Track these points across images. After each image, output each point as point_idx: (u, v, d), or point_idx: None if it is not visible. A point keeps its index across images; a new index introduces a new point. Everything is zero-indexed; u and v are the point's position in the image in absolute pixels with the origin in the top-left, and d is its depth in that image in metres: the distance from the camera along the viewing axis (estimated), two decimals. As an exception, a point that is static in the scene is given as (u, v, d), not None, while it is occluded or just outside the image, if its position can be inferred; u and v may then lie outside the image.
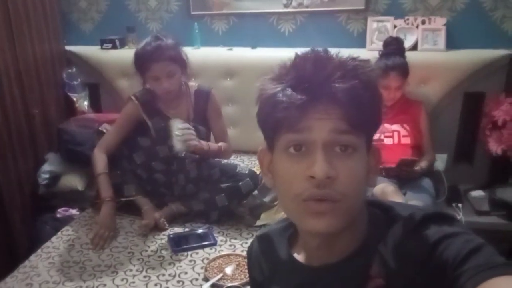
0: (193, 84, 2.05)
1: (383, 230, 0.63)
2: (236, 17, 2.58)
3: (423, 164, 2.05)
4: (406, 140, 2.13)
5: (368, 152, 0.63)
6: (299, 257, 0.72)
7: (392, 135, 2.13)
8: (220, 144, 2.00)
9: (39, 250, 1.72)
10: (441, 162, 2.24)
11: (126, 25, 2.66)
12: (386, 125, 2.13)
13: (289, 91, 0.59)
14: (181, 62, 1.88)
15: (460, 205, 2.11)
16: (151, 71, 1.82)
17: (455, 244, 0.54)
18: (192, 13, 2.60)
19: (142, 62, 1.83)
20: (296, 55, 0.63)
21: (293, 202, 0.61)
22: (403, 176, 1.98)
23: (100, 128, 2.27)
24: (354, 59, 0.61)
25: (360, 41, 2.42)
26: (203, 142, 1.89)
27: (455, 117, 2.35)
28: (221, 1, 2.56)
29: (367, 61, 0.64)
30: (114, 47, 2.64)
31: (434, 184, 2.05)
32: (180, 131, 1.75)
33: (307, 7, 2.45)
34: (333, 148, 0.59)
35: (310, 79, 0.59)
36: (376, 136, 2.12)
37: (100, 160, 1.90)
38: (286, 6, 2.47)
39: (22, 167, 2.33)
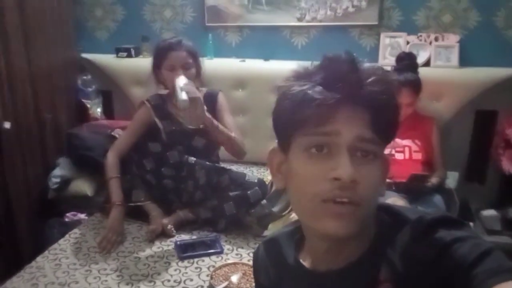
0: (203, 89, 2.07)
1: (391, 234, 0.62)
2: (249, 29, 2.61)
3: (434, 180, 2.03)
4: (417, 156, 2.11)
5: (384, 154, 0.64)
6: (305, 262, 0.71)
7: (403, 150, 2.12)
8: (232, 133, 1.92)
9: (46, 252, 1.72)
10: (452, 179, 2.21)
11: (141, 34, 2.70)
12: (397, 140, 2.12)
13: (320, 89, 0.59)
14: (197, 61, 1.93)
15: (471, 224, 2.07)
16: (168, 60, 1.86)
17: (464, 248, 0.54)
18: (207, 24, 2.64)
19: (161, 51, 1.89)
20: (326, 56, 0.63)
21: (310, 203, 0.60)
22: (414, 191, 1.95)
23: (112, 133, 2.29)
24: (381, 68, 0.64)
25: (373, 56, 2.43)
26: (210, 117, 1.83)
27: (466, 135, 2.33)
28: (235, 14, 2.59)
29: (390, 72, 0.67)
30: (129, 55, 2.68)
31: (445, 201, 2.02)
32: (185, 85, 1.72)
33: (320, 21, 2.48)
34: (356, 153, 0.59)
35: (344, 79, 0.59)
36: (387, 151, 2.11)
37: (113, 163, 1.92)
38: (299, 19, 2.50)
39: (31, 170, 2.34)
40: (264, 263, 0.80)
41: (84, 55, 2.76)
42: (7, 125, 2.11)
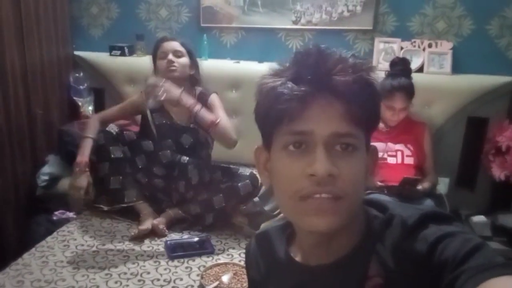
0: (199, 88, 2.06)
1: (380, 229, 0.62)
2: (245, 31, 2.61)
3: (425, 184, 2.04)
4: (410, 160, 2.12)
5: (367, 151, 0.63)
6: (296, 256, 0.71)
7: (396, 155, 2.12)
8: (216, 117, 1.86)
9: (33, 249, 1.69)
10: (443, 185, 2.23)
11: (136, 32, 2.69)
12: (390, 144, 2.13)
13: (290, 84, 0.59)
14: (191, 54, 1.98)
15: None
16: (161, 48, 1.94)
17: (454, 243, 0.53)
18: (202, 25, 2.64)
19: (157, 42, 1.99)
20: (297, 50, 0.63)
21: (291, 200, 0.60)
22: (405, 195, 1.96)
23: (107, 129, 2.27)
24: (354, 56, 0.61)
25: (366, 61, 2.44)
26: (187, 98, 1.82)
27: (458, 141, 2.35)
28: (230, 15, 2.59)
29: (366, 59, 0.64)
30: (123, 54, 2.66)
31: (436, 206, 2.03)
32: (148, 86, 1.76)
33: (316, 24, 2.49)
34: (334, 146, 0.58)
35: (312, 72, 0.58)
36: (380, 155, 2.09)
37: (92, 125, 1.99)
38: (295, 22, 2.51)
39: (19, 167, 2.31)
40: (255, 257, 0.79)
41: (78, 53, 2.73)
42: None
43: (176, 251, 1.68)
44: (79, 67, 2.71)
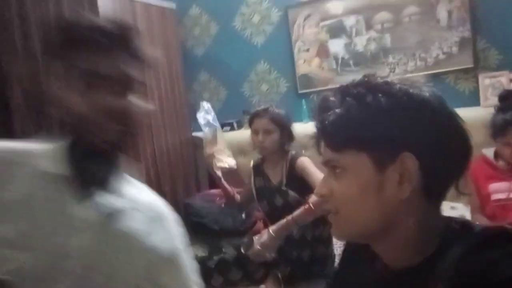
0: (292, 152, 2.16)
1: (453, 244, 0.61)
2: (340, 90, 2.71)
3: None
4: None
5: (379, 168, 0.62)
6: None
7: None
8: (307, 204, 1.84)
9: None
10: None
11: (242, 109, 2.98)
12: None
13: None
14: (282, 126, 2.05)
15: None
16: (253, 125, 2.08)
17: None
18: (299, 92, 2.83)
19: (251, 117, 2.14)
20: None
21: None
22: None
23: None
24: (357, 84, 0.66)
25: (473, 100, 2.33)
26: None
27: None
28: (325, 78, 2.74)
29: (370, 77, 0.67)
30: (232, 129, 2.96)
31: None
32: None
33: (411, 72, 2.48)
34: (330, 169, 0.68)
35: (315, 112, 0.69)
36: (503, 195, 1.91)
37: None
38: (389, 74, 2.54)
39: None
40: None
41: (195, 134, 3.11)
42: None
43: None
44: (198, 146, 3.06)
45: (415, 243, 0.64)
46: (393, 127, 0.61)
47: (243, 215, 2.67)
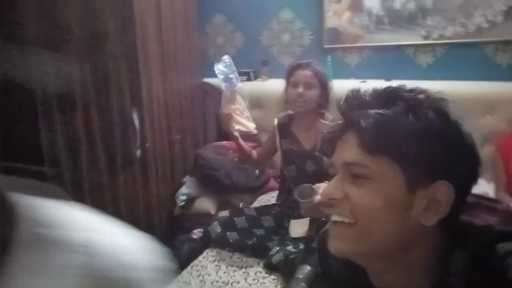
0: (330, 116, 2.06)
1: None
2: (370, 49, 2.58)
3: None
4: None
5: (414, 186, 0.58)
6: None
7: None
8: None
9: (189, 268, 1.80)
10: None
11: (260, 59, 2.80)
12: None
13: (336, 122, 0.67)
14: (323, 84, 1.93)
15: None
16: (293, 77, 1.93)
17: None
18: (325, 46, 2.66)
19: (290, 69, 1.99)
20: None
21: None
22: None
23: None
24: (410, 90, 0.61)
25: (510, 74, 2.25)
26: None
27: None
28: (355, 35, 2.58)
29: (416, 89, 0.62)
30: (249, 79, 2.78)
31: None
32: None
33: (449, 38, 2.36)
34: (347, 174, 0.61)
35: (341, 109, 0.65)
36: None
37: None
38: (425, 38, 2.41)
39: (162, 188, 2.51)
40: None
41: (206, 80, 2.92)
42: (147, 145, 2.30)
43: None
44: (208, 94, 2.89)
45: (422, 269, 0.61)
46: (440, 151, 0.57)
47: (257, 172, 2.58)
